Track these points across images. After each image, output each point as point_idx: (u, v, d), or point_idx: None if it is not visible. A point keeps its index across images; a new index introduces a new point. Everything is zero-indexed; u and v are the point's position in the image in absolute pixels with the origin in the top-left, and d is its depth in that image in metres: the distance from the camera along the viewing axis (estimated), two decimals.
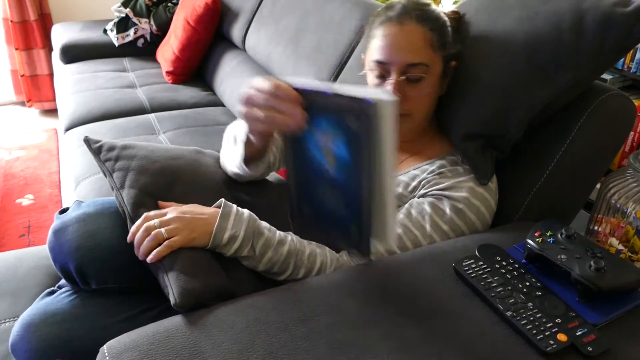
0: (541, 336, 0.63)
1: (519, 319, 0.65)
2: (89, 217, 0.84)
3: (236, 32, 2.24)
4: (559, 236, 0.75)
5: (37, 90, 3.12)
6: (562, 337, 0.63)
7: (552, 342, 0.62)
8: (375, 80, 0.93)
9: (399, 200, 0.92)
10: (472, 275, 0.72)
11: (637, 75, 1.85)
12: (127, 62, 2.60)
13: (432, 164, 0.94)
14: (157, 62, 2.58)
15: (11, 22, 2.93)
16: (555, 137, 0.92)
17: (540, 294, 0.70)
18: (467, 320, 0.67)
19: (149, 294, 0.85)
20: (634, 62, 1.84)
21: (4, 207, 2.22)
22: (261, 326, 0.63)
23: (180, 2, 2.50)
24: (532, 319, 0.65)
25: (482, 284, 0.70)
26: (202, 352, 0.59)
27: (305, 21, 1.76)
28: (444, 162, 0.93)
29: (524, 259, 0.76)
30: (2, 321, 1.01)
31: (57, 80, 2.50)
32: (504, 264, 0.74)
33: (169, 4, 2.64)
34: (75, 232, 0.82)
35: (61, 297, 0.86)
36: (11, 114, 3.16)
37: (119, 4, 2.62)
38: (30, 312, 0.84)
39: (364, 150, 0.63)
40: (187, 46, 2.31)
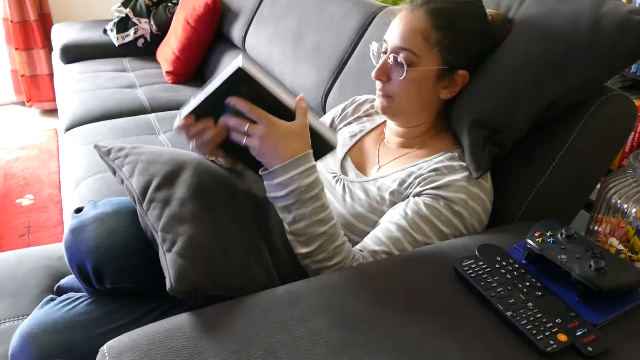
0: (541, 336, 0.63)
1: (519, 319, 0.65)
2: (107, 216, 0.85)
3: (236, 32, 2.25)
4: (559, 236, 0.75)
5: (37, 90, 3.13)
6: (562, 337, 0.63)
7: (552, 342, 0.62)
8: (377, 54, 0.98)
9: (393, 196, 0.93)
10: (472, 275, 0.72)
11: (637, 75, 1.85)
12: (127, 62, 2.60)
13: (429, 162, 0.94)
14: (157, 62, 2.58)
15: (11, 22, 2.93)
16: (556, 137, 0.92)
17: (540, 294, 0.70)
18: (467, 320, 0.67)
19: (152, 296, 0.86)
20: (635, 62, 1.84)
21: (4, 207, 2.22)
22: (261, 326, 0.63)
23: (180, 2, 2.50)
24: (532, 319, 0.65)
25: (482, 284, 0.70)
26: (202, 352, 0.59)
27: (305, 21, 1.76)
28: (441, 159, 0.93)
29: (524, 259, 0.76)
30: (2, 321, 1.01)
31: (57, 80, 2.50)
32: (504, 264, 0.74)
33: (169, 4, 2.64)
34: (93, 230, 0.83)
35: (60, 306, 0.87)
36: (11, 114, 3.16)
37: (119, 4, 2.62)
38: (29, 323, 0.84)
39: (262, 94, 0.78)
40: (187, 46, 2.31)
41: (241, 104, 0.78)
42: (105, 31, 2.68)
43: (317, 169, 0.82)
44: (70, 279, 1.06)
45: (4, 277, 1.10)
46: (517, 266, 0.74)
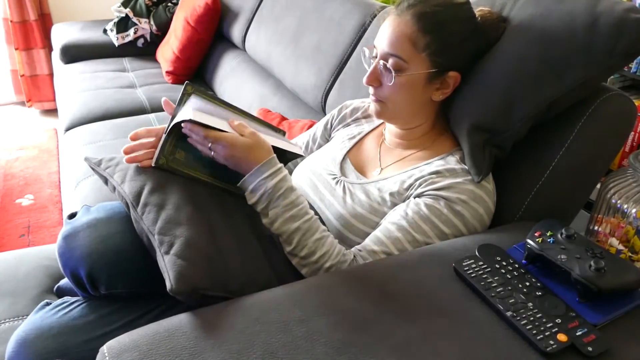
0: (541, 336, 0.63)
1: (519, 319, 0.65)
2: (99, 222, 0.85)
3: (236, 32, 2.24)
4: (559, 236, 0.75)
5: (37, 90, 3.13)
6: (562, 337, 0.63)
7: (552, 342, 0.62)
8: (369, 58, 0.99)
9: (394, 197, 0.93)
10: (472, 275, 0.72)
11: (637, 75, 1.85)
12: (127, 62, 2.60)
13: (430, 164, 0.94)
14: (157, 62, 2.58)
15: (11, 22, 2.93)
16: (555, 137, 0.92)
17: (540, 294, 0.69)
18: (467, 320, 0.66)
19: (147, 298, 0.85)
20: (634, 62, 1.84)
21: (4, 207, 2.22)
22: (261, 326, 0.63)
23: (180, 2, 2.50)
24: (532, 319, 0.65)
25: (482, 284, 0.70)
26: (202, 352, 0.59)
27: (305, 21, 1.76)
28: (442, 162, 0.93)
29: (524, 259, 0.76)
30: (2, 321, 1.01)
31: (57, 80, 2.50)
32: (504, 264, 0.74)
33: (169, 4, 2.64)
34: (86, 237, 0.82)
35: (56, 310, 0.87)
36: (11, 114, 3.16)
37: (119, 4, 2.62)
38: (24, 328, 0.84)
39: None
40: (187, 46, 2.31)
41: (196, 131, 0.84)
42: (105, 31, 2.68)
43: (284, 171, 0.86)
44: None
45: (3, 277, 1.10)
46: (517, 266, 0.74)
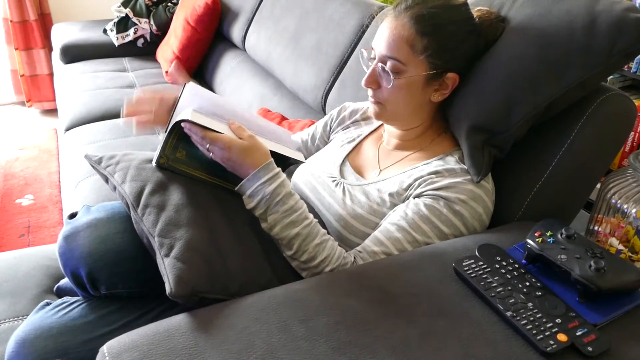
0: (541, 336, 0.63)
1: (519, 319, 0.65)
2: (100, 222, 0.85)
3: (236, 32, 2.24)
4: (559, 236, 0.75)
5: (37, 90, 3.13)
6: (562, 337, 0.63)
7: (552, 342, 0.62)
8: (367, 59, 0.98)
9: (393, 198, 0.93)
10: (472, 275, 0.72)
11: (637, 75, 1.85)
12: (127, 62, 2.60)
13: (430, 164, 0.94)
14: (157, 62, 2.58)
15: (11, 22, 2.93)
16: (555, 137, 0.92)
17: (540, 294, 0.69)
18: (467, 320, 0.66)
19: (147, 298, 0.85)
20: (634, 62, 1.84)
21: (4, 207, 2.22)
22: (261, 326, 0.63)
23: (180, 2, 2.50)
24: (532, 319, 0.65)
25: (482, 284, 0.70)
26: (202, 352, 0.59)
27: (305, 21, 1.75)
28: (441, 162, 0.93)
29: (524, 259, 0.76)
30: (2, 321, 1.01)
31: (57, 80, 2.50)
32: (504, 264, 0.74)
33: (169, 4, 2.64)
34: (86, 237, 0.82)
35: (55, 311, 0.87)
36: (11, 114, 3.16)
37: (119, 4, 2.62)
38: (24, 328, 0.84)
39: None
40: (187, 46, 2.31)
41: (194, 131, 0.83)
42: (105, 31, 2.68)
43: (282, 176, 0.85)
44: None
45: (3, 277, 1.10)
46: (517, 266, 0.74)
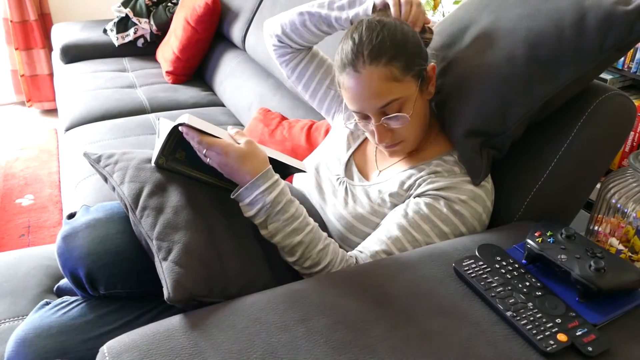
0: (541, 336, 0.63)
1: (519, 319, 0.65)
2: (98, 222, 0.84)
3: (236, 32, 2.24)
4: (559, 236, 0.75)
5: (37, 90, 3.13)
6: (562, 337, 0.63)
7: (552, 342, 0.62)
8: (361, 122, 0.92)
9: (394, 198, 0.93)
10: (472, 275, 0.72)
11: (637, 75, 1.85)
12: (127, 62, 2.60)
13: (429, 164, 0.94)
14: (157, 62, 2.58)
15: (11, 22, 2.93)
16: (555, 137, 0.92)
17: (540, 294, 0.70)
18: (467, 320, 0.67)
19: (146, 298, 0.85)
20: (634, 62, 1.84)
21: (4, 207, 2.22)
22: (261, 326, 0.63)
23: (180, 2, 2.50)
24: (532, 319, 0.65)
25: (482, 284, 0.70)
26: (202, 352, 0.59)
27: None
28: (440, 162, 0.93)
29: (524, 259, 0.76)
30: (2, 321, 1.01)
31: (57, 80, 2.50)
32: (504, 264, 0.74)
33: (169, 4, 2.64)
34: (85, 237, 0.82)
35: (55, 310, 0.86)
36: (11, 114, 3.16)
37: (119, 4, 2.62)
38: (24, 328, 0.84)
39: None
40: (187, 46, 2.31)
41: (192, 135, 0.79)
42: (105, 31, 2.68)
43: (281, 183, 0.82)
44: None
45: (3, 277, 1.10)
46: (517, 266, 0.74)
